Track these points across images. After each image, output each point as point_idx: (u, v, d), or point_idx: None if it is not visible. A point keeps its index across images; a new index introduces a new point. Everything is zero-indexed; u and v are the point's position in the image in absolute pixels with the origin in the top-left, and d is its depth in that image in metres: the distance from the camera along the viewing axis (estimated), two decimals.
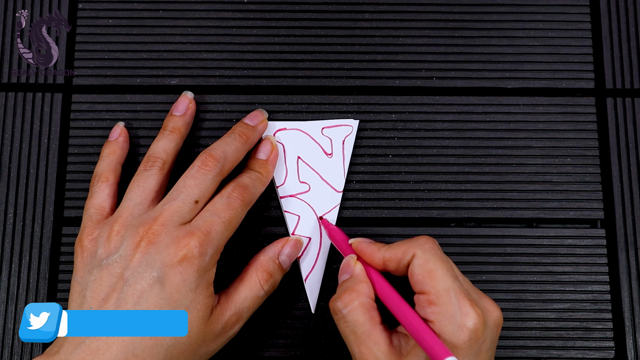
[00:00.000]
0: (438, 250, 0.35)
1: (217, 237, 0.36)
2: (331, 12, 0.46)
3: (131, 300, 0.34)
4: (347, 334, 0.34)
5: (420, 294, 0.33)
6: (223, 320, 0.36)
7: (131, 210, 0.37)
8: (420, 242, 0.35)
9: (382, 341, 0.33)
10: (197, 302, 0.35)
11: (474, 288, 0.35)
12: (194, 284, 0.35)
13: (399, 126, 0.44)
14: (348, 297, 0.34)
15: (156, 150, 0.40)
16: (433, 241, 0.35)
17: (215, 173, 0.37)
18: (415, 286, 0.34)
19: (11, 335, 0.41)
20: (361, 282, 0.35)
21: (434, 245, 0.35)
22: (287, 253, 0.40)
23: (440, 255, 0.34)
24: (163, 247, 0.35)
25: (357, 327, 0.33)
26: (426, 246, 0.35)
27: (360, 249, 0.37)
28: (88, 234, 0.37)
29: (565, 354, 0.42)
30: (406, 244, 0.35)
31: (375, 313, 0.34)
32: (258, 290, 0.38)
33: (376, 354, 0.33)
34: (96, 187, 0.40)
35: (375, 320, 0.34)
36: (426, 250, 0.34)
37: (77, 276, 0.36)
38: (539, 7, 0.46)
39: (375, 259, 0.36)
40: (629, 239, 0.43)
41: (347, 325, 0.34)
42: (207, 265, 0.35)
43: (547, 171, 0.44)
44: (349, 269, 0.37)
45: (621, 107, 0.45)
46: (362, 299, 0.34)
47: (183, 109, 0.42)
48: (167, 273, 0.34)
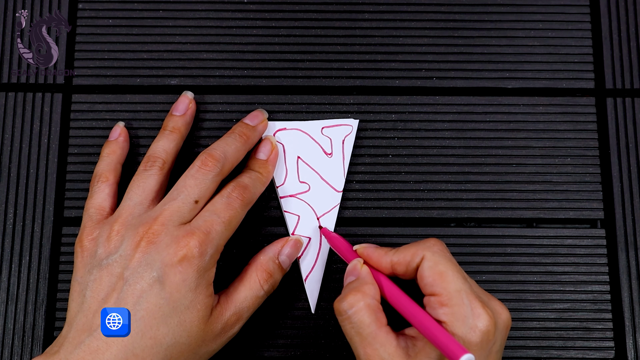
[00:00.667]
0: (447, 253, 0.35)
1: (217, 237, 0.36)
2: (331, 12, 0.46)
3: (131, 300, 0.34)
4: (352, 335, 0.34)
5: (431, 296, 0.33)
6: (223, 320, 0.36)
7: (131, 210, 0.37)
8: (428, 245, 0.35)
9: (388, 343, 0.33)
10: (197, 302, 0.35)
11: (483, 290, 0.35)
12: (193, 284, 0.35)
13: (399, 126, 0.44)
14: (354, 298, 0.34)
15: (156, 150, 0.40)
16: (441, 243, 0.35)
17: (215, 173, 0.37)
18: (425, 288, 0.34)
19: (11, 335, 0.41)
20: (367, 283, 0.35)
21: (442, 248, 0.35)
22: (287, 253, 0.40)
23: (449, 257, 0.34)
24: (163, 246, 0.35)
25: (362, 328, 0.33)
26: (435, 248, 0.34)
27: (366, 254, 0.37)
28: (88, 234, 0.37)
29: (565, 354, 0.42)
30: (414, 246, 0.35)
31: (381, 315, 0.34)
32: (258, 290, 0.38)
33: (382, 355, 0.33)
34: (96, 187, 0.40)
35: (381, 321, 0.34)
36: (435, 252, 0.34)
37: (77, 276, 0.36)
38: (539, 7, 0.46)
39: (383, 262, 0.36)
40: (629, 239, 0.43)
41: (352, 326, 0.34)
42: (207, 265, 0.35)
43: (547, 171, 0.44)
44: (355, 272, 0.36)
45: (621, 107, 0.45)
46: (368, 300, 0.34)
47: (183, 108, 0.42)
48: (167, 273, 0.34)
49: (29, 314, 0.42)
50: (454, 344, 0.30)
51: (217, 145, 0.39)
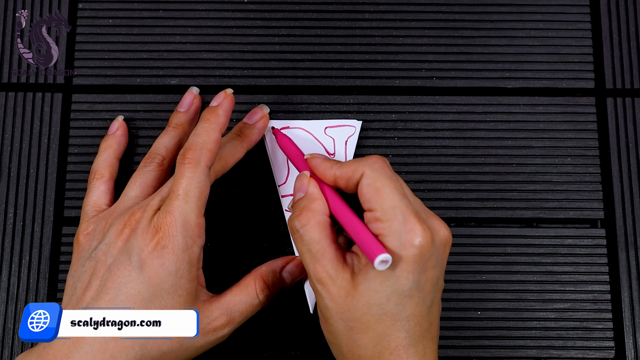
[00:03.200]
0: (387, 170, 0.35)
1: (179, 214, 0.35)
2: (331, 12, 0.46)
3: (112, 286, 0.34)
4: (303, 252, 0.35)
5: (369, 212, 0.34)
6: (211, 316, 0.36)
7: (125, 204, 0.38)
8: (370, 162, 0.35)
9: (336, 259, 0.34)
10: (179, 287, 0.35)
11: (424, 208, 0.35)
12: (172, 267, 0.34)
13: (399, 126, 0.44)
14: (305, 217, 0.35)
15: (157, 146, 0.40)
16: (383, 160, 0.35)
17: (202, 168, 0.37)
18: (364, 204, 0.34)
19: (11, 335, 0.41)
20: (316, 199, 0.36)
21: (383, 165, 0.35)
22: (290, 270, 0.40)
23: (389, 174, 0.34)
24: (140, 233, 0.35)
25: (312, 245, 0.34)
26: (375, 165, 0.35)
27: (313, 164, 0.37)
28: (83, 230, 0.38)
29: (565, 354, 0.42)
30: (356, 162, 0.35)
31: (330, 231, 0.35)
32: (253, 297, 0.38)
33: (329, 271, 0.34)
34: (92, 184, 0.40)
35: (330, 238, 0.35)
36: (375, 169, 0.34)
37: (71, 270, 0.37)
38: (539, 7, 0.46)
39: (327, 175, 0.36)
40: (629, 239, 0.43)
41: (303, 243, 0.34)
42: (182, 246, 0.35)
43: (547, 171, 0.44)
44: (303, 187, 0.37)
45: (621, 107, 0.45)
46: (319, 217, 0.35)
47: (187, 105, 0.42)
48: (144, 258, 0.34)
49: None
50: (374, 244, 0.32)
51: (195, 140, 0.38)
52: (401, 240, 0.32)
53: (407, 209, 0.33)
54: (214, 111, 0.38)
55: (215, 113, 0.38)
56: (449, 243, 0.35)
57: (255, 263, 0.40)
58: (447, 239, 0.35)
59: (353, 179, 0.35)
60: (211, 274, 0.41)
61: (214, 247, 0.42)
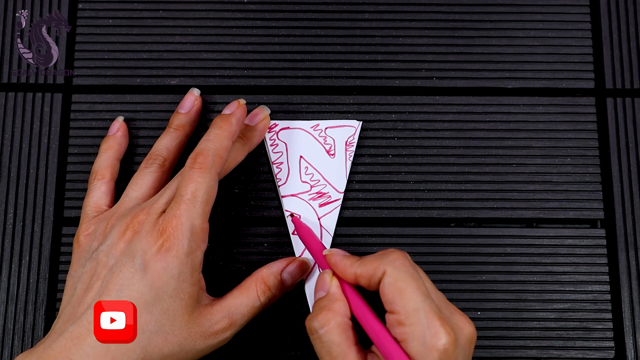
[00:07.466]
0: (409, 267, 0.34)
1: (186, 218, 0.35)
2: (331, 12, 0.46)
3: (114, 288, 0.34)
4: (323, 354, 0.34)
5: (391, 314, 0.33)
6: (212, 319, 0.36)
7: (126, 205, 0.38)
8: (391, 259, 0.34)
9: None
10: (181, 291, 0.35)
11: (447, 304, 0.34)
12: (175, 271, 0.34)
13: (399, 126, 0.44)
14: (325, 317, 0.34)
15: (158, 148, 0.40)
16: (404, 256, 0.34)
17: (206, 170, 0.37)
18: (386, 305, 0.33)
19: (11, 335, 0.41)
20: (337, 300, 0.35)
21: (405, 262, 0.34)
22: (290, 271, 0.39)
23: (411, 272, 0.33)
24: (144, 235, 0.35)
25: (333, 347, 0.33)
26: (397, 263, 0.34)
27: (333, 261, 0.36)
28: (84, 230, 0.38)
29: (565, 354, 0.42)
30: (377, 259, 0.34)
31: (351, 333, 0.34)
32: (254, 300, 0.38)
33: None
34: (92, 184, 0.40)
35: (351, 340, 0.33)
36: (396, 267, 0.33)
37: (71, 271, 0.37)
38: (539, 7, 0.46)
39: (348, 274, 0.35)
40: (629, 239, 0.43)
41: (323, 345, 0.33)
42: (187, 250, 0.35)
43: (547, 171, 0.44)
44: (324, 286, 0.36)
45: (621, 107, 0.45)
46: (339, 319, 0.34)
47: (188, 106, 0.42)
48: (147, 261, 0.34)
49: (29, 314, 0.42)
50: (397, 353, 0.31)
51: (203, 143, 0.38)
52: (425, 345, 0.31)
53: (430, 310, 0.32)
54: (227, 119, 0.38)
55: (228, 121, 0.38)
56: (474, 339, 0.34)
57: (255, 263, 0.40)
58: (472, 336, 0.34)
59: (375, 278, 0.34)
60: (211, 274, 0.41)
61: (214, 247, 0.42)
